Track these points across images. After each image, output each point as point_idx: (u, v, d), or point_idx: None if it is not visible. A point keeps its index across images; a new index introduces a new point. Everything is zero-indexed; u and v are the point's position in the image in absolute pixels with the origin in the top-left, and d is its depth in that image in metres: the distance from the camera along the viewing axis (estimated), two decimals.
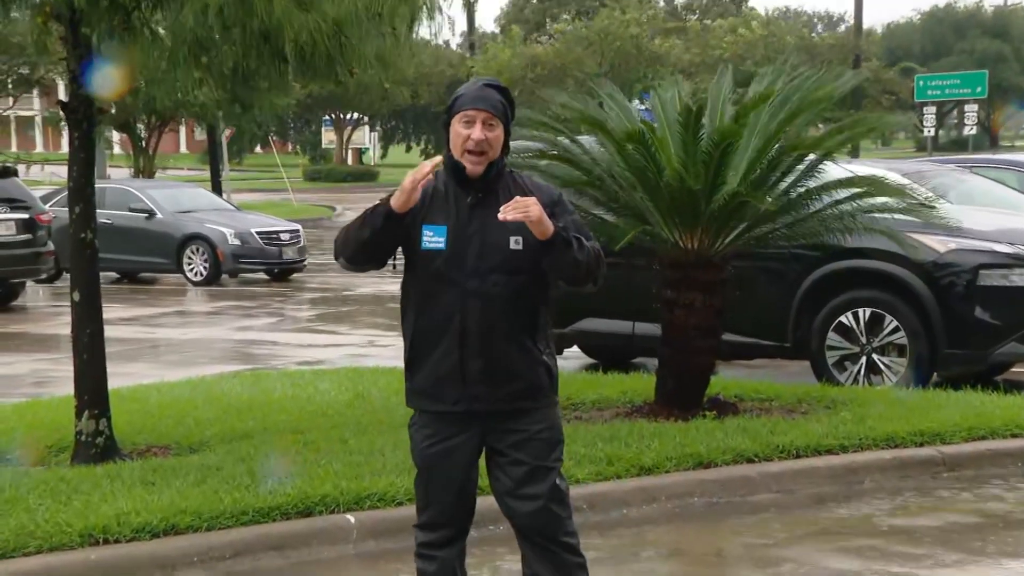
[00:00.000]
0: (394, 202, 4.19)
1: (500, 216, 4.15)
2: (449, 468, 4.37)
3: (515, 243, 4.25)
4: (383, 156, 73.05)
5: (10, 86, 33.61)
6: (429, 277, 4.31)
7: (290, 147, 70.93)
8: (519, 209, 4.13)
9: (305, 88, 39.50)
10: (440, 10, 7.34)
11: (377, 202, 4.25)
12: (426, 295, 4.33)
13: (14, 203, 17.76)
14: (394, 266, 4.45)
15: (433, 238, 4.26)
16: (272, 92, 7.87)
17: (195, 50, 6.79)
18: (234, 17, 6.50)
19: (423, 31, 7.57)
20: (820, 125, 8.87)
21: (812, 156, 8.47)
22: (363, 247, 4.30)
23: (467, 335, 4.27)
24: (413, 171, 4.22)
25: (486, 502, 4.51)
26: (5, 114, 42.54)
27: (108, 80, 7.16)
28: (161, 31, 7.10)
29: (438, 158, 4.24)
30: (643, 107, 11.95)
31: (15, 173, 19.03)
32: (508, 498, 4.37)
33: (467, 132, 4.27)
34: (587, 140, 8.67)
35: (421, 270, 4.32)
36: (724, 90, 8.68)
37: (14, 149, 46.53)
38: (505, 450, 4.35)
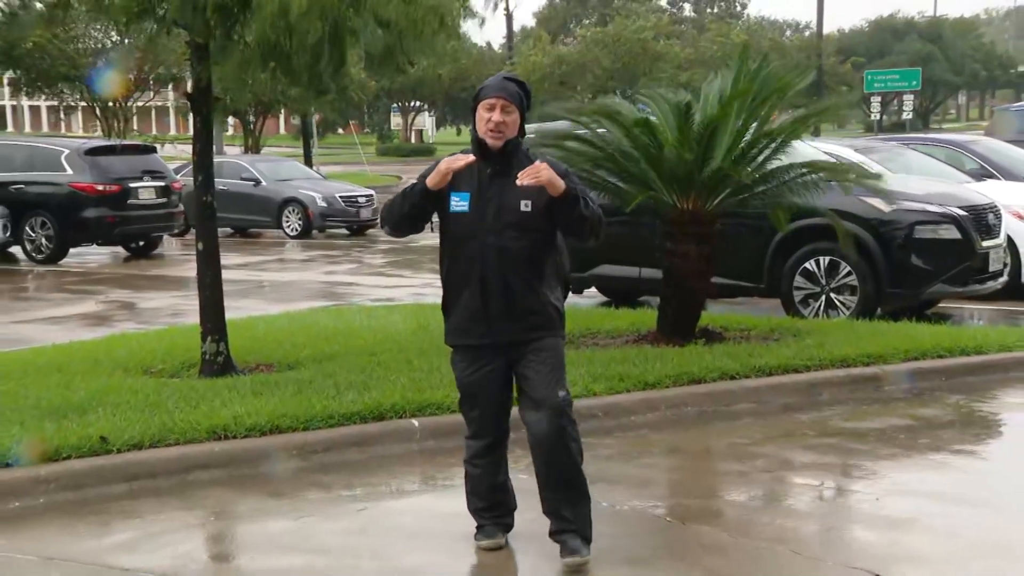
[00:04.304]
0: (429, 181, 4.17)
1: (517, 182, 4.08)
2: (484, 391, 4.33)
3: (525, 206, 4.17)
4: (436, 132, 72.75)
5: (151, 82, 33.76)
6: (456, 235, 4.25)
7: (365, 129, 70.68)
8: (532, 174, 4.06)
9: (377, 83, 39.37)
10: (473, 12, 7.18)
11: (415, 181, 4.21)
12: (454, 250, 4.27)
13: (154, 174, 17.95)
14: (432, 228, 4.41)
15: (459, 203, 4.21)
16: (341, 85, 7.69)
17: (266, 55, 6.65)
18: (308, 22, 6.32)
19: (469, 33, 7.42)
20: (790, 111, 8.71)
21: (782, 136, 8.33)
22: (405, 217, 4.27)
23: (487, 280, 4.20)
24: (448, 158, 4.17)
25: (516, 415, 4.48)
26: (147, 105, 42.70)
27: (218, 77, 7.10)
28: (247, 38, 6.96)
29: (471, 156, 4.16)
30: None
31: (154, 150, 19.20)
32: (525, 412, 4.29)
33: (488, 115, 4.19)
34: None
35: (450, 230, 4.27)
36: (715, 88, 8.52)
37: (153, 132, 46.77)
38: (525, 373, 4.26)
